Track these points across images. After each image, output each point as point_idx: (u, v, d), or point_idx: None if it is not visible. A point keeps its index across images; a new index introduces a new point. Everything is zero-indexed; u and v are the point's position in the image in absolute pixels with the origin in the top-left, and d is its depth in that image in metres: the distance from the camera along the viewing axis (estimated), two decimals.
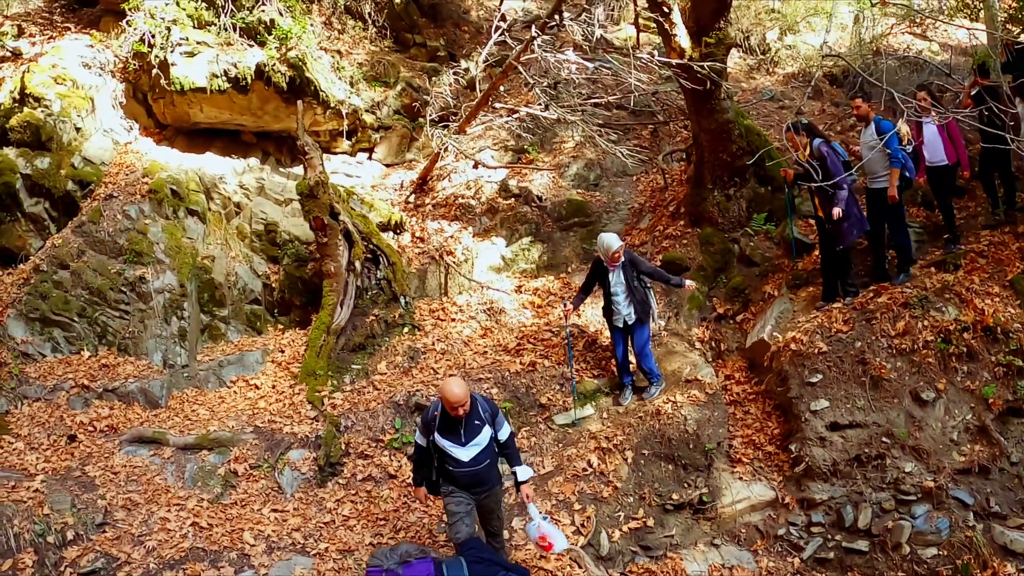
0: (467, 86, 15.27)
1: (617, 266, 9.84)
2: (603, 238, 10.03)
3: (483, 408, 7.10)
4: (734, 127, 11.94)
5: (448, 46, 17.60)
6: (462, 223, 13.33)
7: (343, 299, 11.41)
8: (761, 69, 17.90)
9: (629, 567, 8.63)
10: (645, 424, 9.58)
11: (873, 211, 10.33)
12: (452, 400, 6.77)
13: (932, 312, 9.53)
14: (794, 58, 18.14)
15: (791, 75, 17.39)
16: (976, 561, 8.43)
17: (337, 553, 8.23)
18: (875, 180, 10.17)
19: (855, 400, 9.19)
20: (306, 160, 11.68)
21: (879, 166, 10.03)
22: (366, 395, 10.37)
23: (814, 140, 9.93)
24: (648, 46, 15.64)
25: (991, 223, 11.28)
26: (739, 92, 15.89)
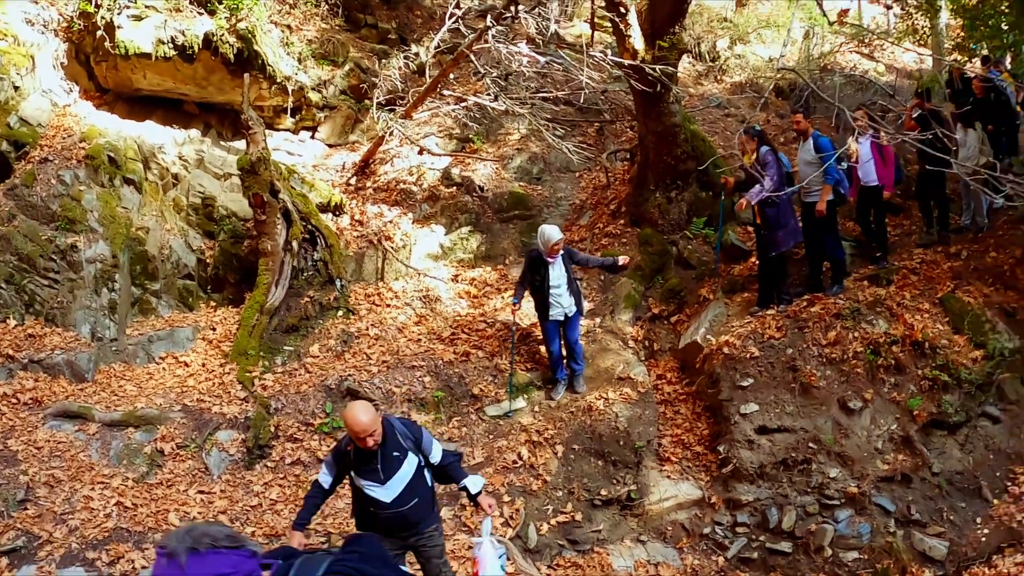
0: (416, 71, 15.15)
1: (556, 258, 9.83)
2: (544, 229, 10.01)
3: (402, 434, 5.82)
4: (680, 131, 12.08)
5: (400, 29, 17.44)
6: (402, 209, 13.22)
7: (278, 279, 11.23)
8: (709, 76, 18.16)
9: (556, 560, 8.64)
10: (576, 419, 9.63)
11: (808, 224, 10.52)
12: (356, 429, 5.50)
13: (863, 324, 9.77)
14: (742, 68, 18.44)
15: (738, 84, 17.66)
16: (896, 566, 8.63)
17: (264, 537, 8.14)
18: (810, 194, 10.34)
19: (784, 405, 9.36)
20: (249, 135, 11.43)
21: (814, 181, 10.23)
22: (297, 377, 10.24)
23: (761, 147, 10.08)
24: (601, 44, 15.69)
25: (924, 242, 11.61)
26: (686, 97, 16.06)
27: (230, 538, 2.56)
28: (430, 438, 6.01)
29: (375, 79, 14.83)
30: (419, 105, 13.55)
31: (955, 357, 9.55)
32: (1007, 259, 10.90)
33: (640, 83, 11.10)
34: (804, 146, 10.41)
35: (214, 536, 2.54)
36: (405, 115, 13.47)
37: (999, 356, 9.70)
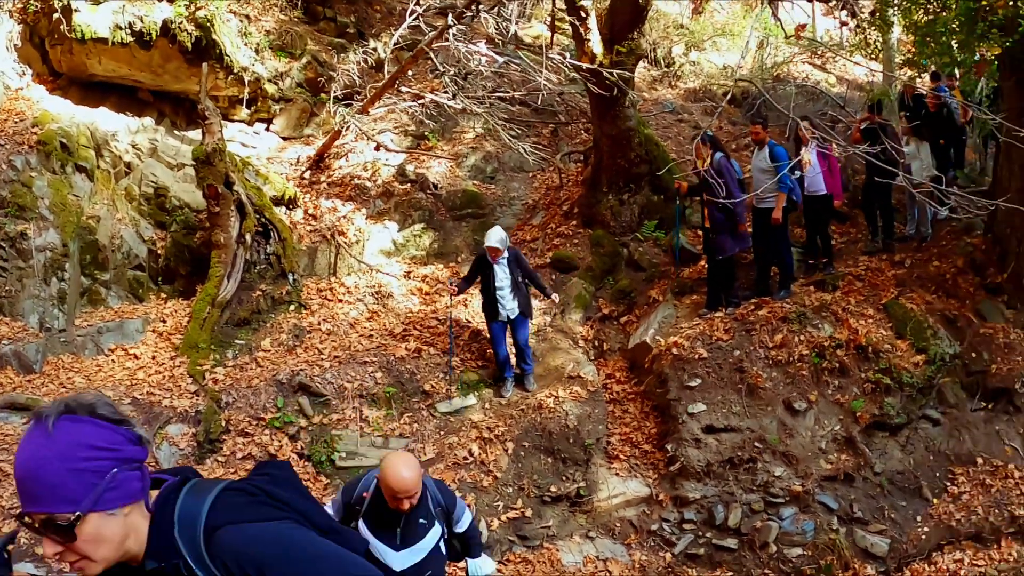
0: (374, 66, 15.11)
1: (500, 261, 9.98)
2: (488, 232, 10.20)
3: (434, 499, 5.00)
4: (634, 135, 12.25)
5: (359, 24, 17.35)
6: (356, 204, 13.20)
7: (231, 272, 11.14)
8: (664, 81, 18.34)
9: (507, 556, 8.74)
10: (527, 417, 9.73)
11: (758, 229, 10.74)
12: (397, 488, 4.55)
13: (809, 328, 10.01)
14: (697, 74, 18.66)
15: (692, 90, 17.87)
16: (838, 562, 8.90)
17: None
18: (763, 201, 10.58)
19: (731, 405, 9.55)
20: (206, 125, 11.32)
21: (769, 188, 10.45)
22: (249, 372, 10.17)
23: (716, 153, 10.27)
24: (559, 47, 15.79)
25: (869, 250, 11.89)
26: (641, 102, 16.19)
27: (110, 408, 1.99)
28: (463, 507, 5.23)
29: (332, 73, 14.77)
30: (376, 101, 13.53)
31: (897, 361, 9.84)
32: (950, 268, 11.21)
33: (597, 87, 11.23)
34: (760, 154, 10.63)
35: (93, 404, 1.99)
36: (362, 110, 13.44)
37: (940, 361, 10.02)
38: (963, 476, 9.67)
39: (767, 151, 10.49)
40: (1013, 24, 8.90)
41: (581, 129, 15.35)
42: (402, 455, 4.89)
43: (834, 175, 11.27)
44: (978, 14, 9.20)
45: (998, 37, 9.01)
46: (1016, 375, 10.12)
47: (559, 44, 16.21)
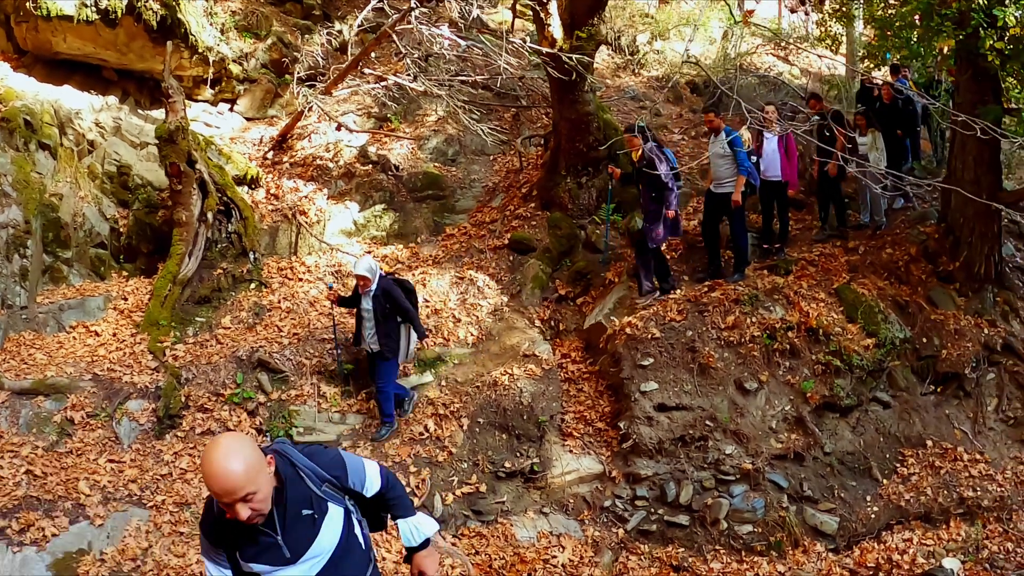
0: (338, 48, 15.12)
1: (368, 292, 9.36)
2: (358, 260, 9.66)
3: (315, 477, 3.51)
4: (593, 119, 12.38)
5: (324, 5, 17.31)
6: (318, 184, 13.22)
7: (192, 250, 11.15)
8: (628, 69, 18.42)
9: (461, 530, 8.84)
10: (482, 394, 9.82)
11: (712, 213, 10.93)
12: (218, 489, 3.14)
13: (761, 310, 10.18)
14: (660, 63, 18.76)
15: (655, 78, 17.99)
16: (788, 539, 9.12)
17: (174, 506, 8.21)
18: (721, 185, 10.77)
19: (683, 384, 9.69)
20: (169, 103, 11.30)
21: (726, 173, 10.63)
22: (208, 348, 10.20)
23: (646, 144, 10.37)
24: (522, 32, 15.86)
25: (819, 238, 12.09)
26: (604, 88, 16.34)
27: None
28: (359, 465, 3.69)
29: (297, 54, 14.77)
30: (339, 82, 13.55)
31: (848, 344, 10.02)
32: (903, 256, 11.42)
33: (557, 71, 11.35)
34: (716, 140, 10.77)
35: None
36: (325, 91, 13.45)
37: (890, 345, 10.23)
38: (913, 458, 9.90)
39: (723, 137, 10.63)
40: (966, 18, 9.05)
41: (542, 113, 15.43)
42: (223, 440, 3.26)
43: (791, 163, 11.43)
44: (934, 8, 9.34)
45: (952, 30, 9.16)
46: (966, 361, 10.36)
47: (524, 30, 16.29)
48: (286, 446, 3.55)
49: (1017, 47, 9.47)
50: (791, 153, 11.35)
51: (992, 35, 8.90)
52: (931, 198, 12.29)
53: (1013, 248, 12.02)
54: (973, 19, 8.93)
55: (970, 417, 10.36)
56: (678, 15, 20.58)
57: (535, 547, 8.82)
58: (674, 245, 11.78)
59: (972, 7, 8.69)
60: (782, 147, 11.28)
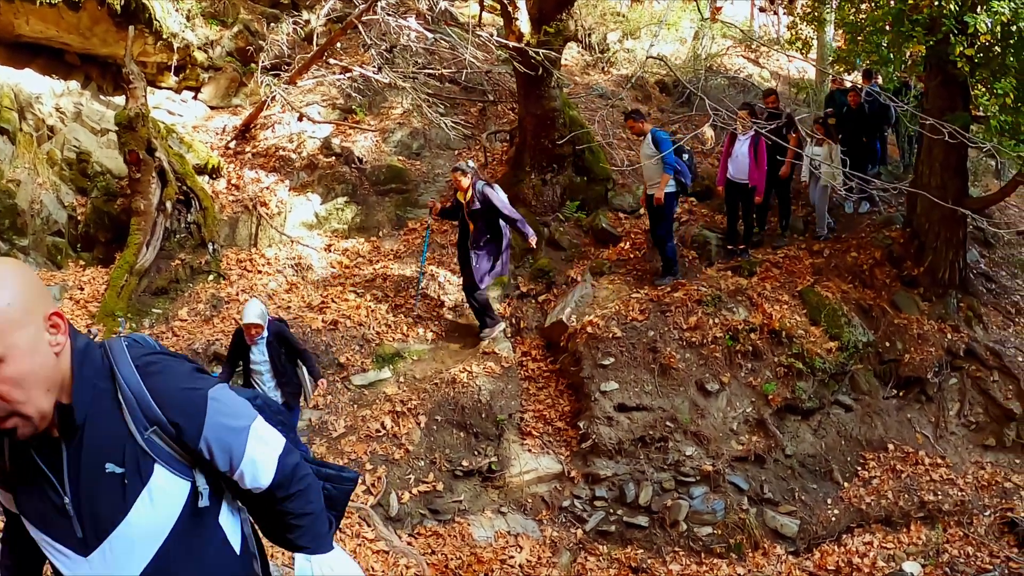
0: (305, 38, 14.92)
1: (259, 341, 7.88)
2: (247, 306, 7.98)
3: (136, 413, 2.08)
4: (559, 116, 12.30)
5: None
6: (280, 175, 13.02)
7: (150, 240, 10.93)
8: (597, 67, 18.40)
9: (417, 529, 8.69)
10: (440, 391, 9.67)
11: (651, 214, 10.89)
12: None
13: (724, 311, 10.14)
14: (630, 61, 18.73)
15: (625, 77, 17.92)
16: (748, 541, 9.07)
17: None
18: (653, 186, 10.70)
19: (643, 385, 9.63)
20: (130, 89, 11.07)
21: (655, 173, 10.56)
22: (164, 341, 9.96)
23: (477, 183, 10.09)
24: (490, 26, 15.76)
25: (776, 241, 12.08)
26: (572, 85, 16.26)
27: None
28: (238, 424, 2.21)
29: (263, 43, 14.54)
30: (304, 72, 13.35)
31: (811, 347, 10.01)
32: (867, 260, 11.45)
33: (523, 66, 11.24)
34: (645, 143, 10.68)
35: None
36: (290, 81, 13.24)
37: (853, 348, 10.23)
38: (874, 461, 9.92)
39: (649, 139, 10.57)
40: (937, 24, 9.05)
41: (509, 109, 15.33)
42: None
43: (760, 168, 11.35)
44: (905, 13, 9.33)
45: (922, 36, 9.15)
46: (929, 365, 10.41)
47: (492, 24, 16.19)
48: (135, 345, 2.19)
49: (987, 55, 9.49)
50: (760, 157, 11.27)
51: (962, 42, 8.91)
52: (897, 203, 12.31)
53: (978, 254, 12.11)
54: (944, 25, 8.93)
55: (932, 421, 10.40)
56: (650, 14, 20.56)
57: (492, 547, 8.69)
58: (638, 244, 11.70)
59: (943, 13, 8.66)
60: (752, 150, 11.20)
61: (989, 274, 11.95)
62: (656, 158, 10.39)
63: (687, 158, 10.81)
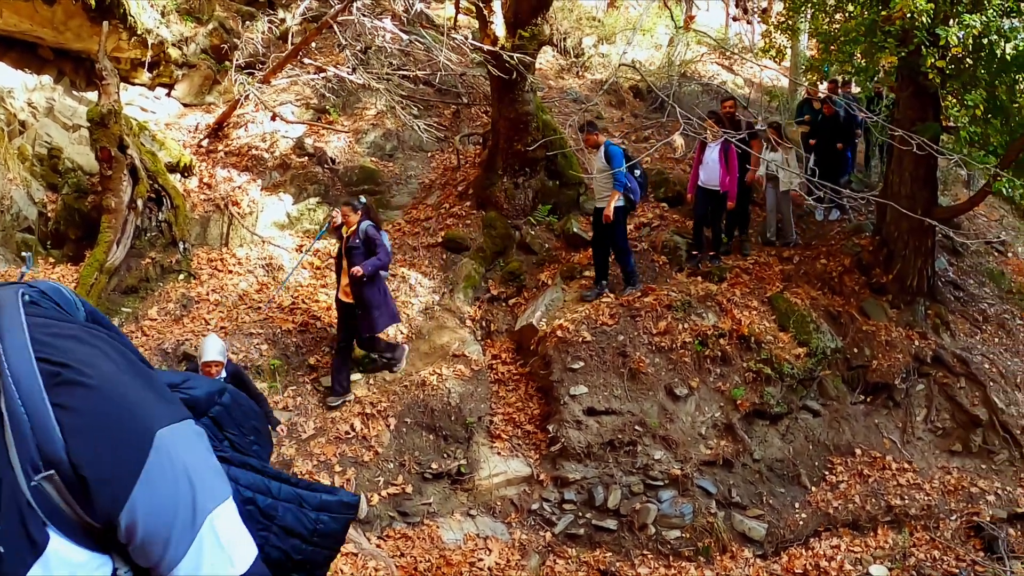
0: (280, 37, 14.84)
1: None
2: (206, 342, 7.42)
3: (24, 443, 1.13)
4: (533, 119, 12.30)
5: None
6: (252, 175, 12.94)
7: (120, 238, 10.85)
8: (572, 71, 18.40)
9: (386, 531, 8.68)
10: (410, 393, 9.67)
11: (597, 229, 10.82)
12: None
13: (693, 316, 10.19)
14: (605, 66, 18.78)
15: (599, 82, 17.98)
16: (716, 545, 9.10)
17: None
18: (602, 199, 10.63)
19: (613, 389, 9.65)
20: (102, 86, 10.96)
21: (605, 188, 10.52)
22: (134, 340, 9.88)
23: (363, 222, 9.54)
24: (466, 29, 15.73)
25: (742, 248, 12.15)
26: (546, 89, 16.26)
27: None
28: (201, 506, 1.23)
29: (238, 40, 14.45)
30: (279, 71, 13.28)
31: (779, 353, 10.07)
32: (837, 267, 11.56)
33: (497, 69, 11.25)
34: (598, 155, 10.64)
35: None
36: (264, 80, 13.17)
37: (821, 354, 10.31)
38: (841, 466, 9.99)
39: (602, 152, 10.51)
40: (909, 35, 9.14)
41: (482, 112, 15.32)
42: None
43: (731, 173, 11.39)
44: (877, 24, 9.41)
45: (894, 47, 9.24)
46: (896, 371, 10.51)
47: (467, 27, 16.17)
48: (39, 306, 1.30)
49: (958, 67, 9.61)
50: (731, 164, 11.30)
51: (934, 54, 9.00)
52: (867, 211, 12.42)
53: (946, 262, 12.24)
54: (916, 37, 9.01)
55: (899, 427, 10.49)
56: (625, 19, 20.61)
57: (461, 550, 8.69)
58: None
59: (915, 26, 8.74)
60: (722, 157, 11.24)
61: (957, 282, 12.09)
62: (607, 173, 10.29)
63: (639, 174, 10.75)
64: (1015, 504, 9.85)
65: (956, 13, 8.86)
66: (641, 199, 11.12)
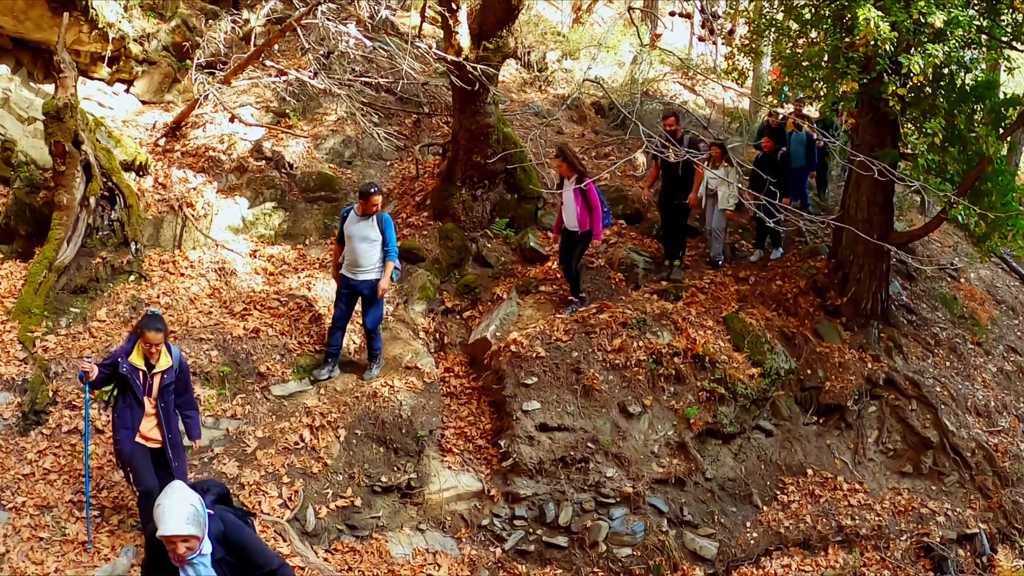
0: (243, 37, 14.67)
1: (194, 561, 4.36)
2: (164, 510, 4.21)
3: None
4: (493, 132, 12.27)
5: None
6: (208, 177, 12.68)
7: (71, 235, 10.59)
8: (535, 85, 18.41)
9: (334, 545, 8.53)
10: (361, 404, 9.53)
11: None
12: None
13: (648, 334, 10.23)
14: (568, 81, 18.80)
15: (561, 96, 18.01)
16: (667, 563, 9.14)
17: (35, 508, 7.71)
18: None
19: (566, 405, 9.63)
20: (60, 78, 10.69)
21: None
22: (81, 342, 9.68)
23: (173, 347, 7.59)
24: (431, 38, 15.67)
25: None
26: (508, 101, 16.25)
27: None
28: None
29: (200, 39, 14.24)
30: (240, 72, 13.10)
31: (733, 372, 10.14)
32: (792, 288, 11.67)
33: (461, 80, 11.19)
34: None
35: None
36: (224, 80, 12.97)
37: (775, 375, 10.41)
38: (793, 486, 10.11)
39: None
40: (872, 62, 9.22)
41: (443, 122, 15.25)
42: None
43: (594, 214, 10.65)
44: (840, 51, 9.49)
45: (856, 73, 9.32)
46: (849, 393, 10.66)
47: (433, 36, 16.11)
48: None
49: (918, 95, 9.72)
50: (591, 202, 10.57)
51: (895, 81, 9.09)
52: (823, 234, 12.52)
53: (899, 286, 12.39)
54: (879, 64, 9.09)
55: (851, 448, 10.64)
56: (590, 36, 20.64)
57: (410, 564, 8.59)
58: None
59: (879, 53, 8.82)
60: (579, 196, 10.55)
61: (910, 306, 12.23)
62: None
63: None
64: (964, 525, 10.05)
65: (919, 42, 8.94)
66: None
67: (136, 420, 7.17)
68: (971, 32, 9.41)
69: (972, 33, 9.47)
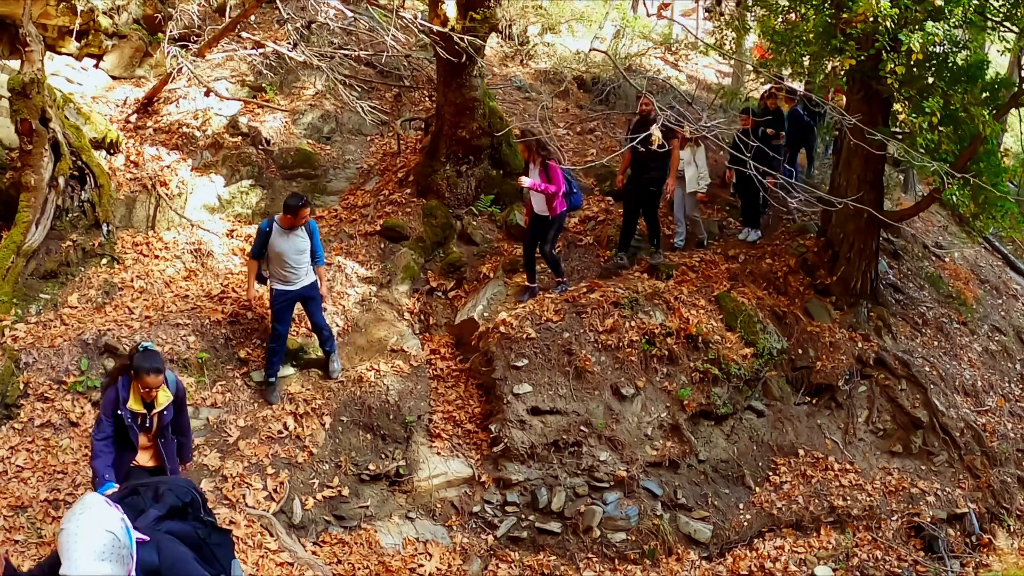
0: (217, 9, 14.25)
1: None
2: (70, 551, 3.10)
3: None
4: (479, 106, 12.04)
5: None
6: (182, 154, 12.28)
7: (40, 218, 10.21)
8: (516, 59, 18.23)
9: (322, 536, 8.34)
10: (346, 390, 9.32)
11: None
12: None
13: (640, 315, 10.06)
14: (550, 56, 18.69)
15: (543, 71, 17.83)
16: (662, 547, 9.05)
17: (8, 509, 7.42)
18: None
19: (558, 388, 9.48)
20: (26, 53, 10.27)
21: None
22: (52, 329, 9.32)
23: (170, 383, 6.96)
24: (412, 9, 15.33)
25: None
26: (490, 75, 15.95)
27: None
28: None
29: (172, 11, 13.79)
30: (215, 44, 12.69)
31: (726, 352, 10.03)
32: (782, 267, 11.57)
33: (446, 52, 10.87)
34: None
35: None
36: (198, 53, 12.55)
37: (767, 355, 10.31)
38: (785, 467, 10.03)
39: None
40: (870, 40, 9.03)
41: (426, 96, 14.97)
42: None
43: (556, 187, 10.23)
44: (836, 27, 9.32)
45: (854, 50, 9.14)
46: (839, 373, 10.60)
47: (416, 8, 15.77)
48: None
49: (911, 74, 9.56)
50: (554, 178, 10.15)
51: (894, 59, 8.91)
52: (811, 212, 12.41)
53: (887, 265, 12.31)
54: (878, 41, 8.89)
55: (841, 428, 10.58)
56: (571, 10, 20.41)
57: (401, 555, 8.40)
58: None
59: (878, 30, 8.64)
60: (543, 178, 10.19)
61: (898, 285, 12.17)
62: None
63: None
64: (954, 505, 10.02)
65: (917, 20, 8.76)
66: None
67: (127, 463, 6.37)
68: (969, 11, 9.25)
69: (970, 12, 9.32)
